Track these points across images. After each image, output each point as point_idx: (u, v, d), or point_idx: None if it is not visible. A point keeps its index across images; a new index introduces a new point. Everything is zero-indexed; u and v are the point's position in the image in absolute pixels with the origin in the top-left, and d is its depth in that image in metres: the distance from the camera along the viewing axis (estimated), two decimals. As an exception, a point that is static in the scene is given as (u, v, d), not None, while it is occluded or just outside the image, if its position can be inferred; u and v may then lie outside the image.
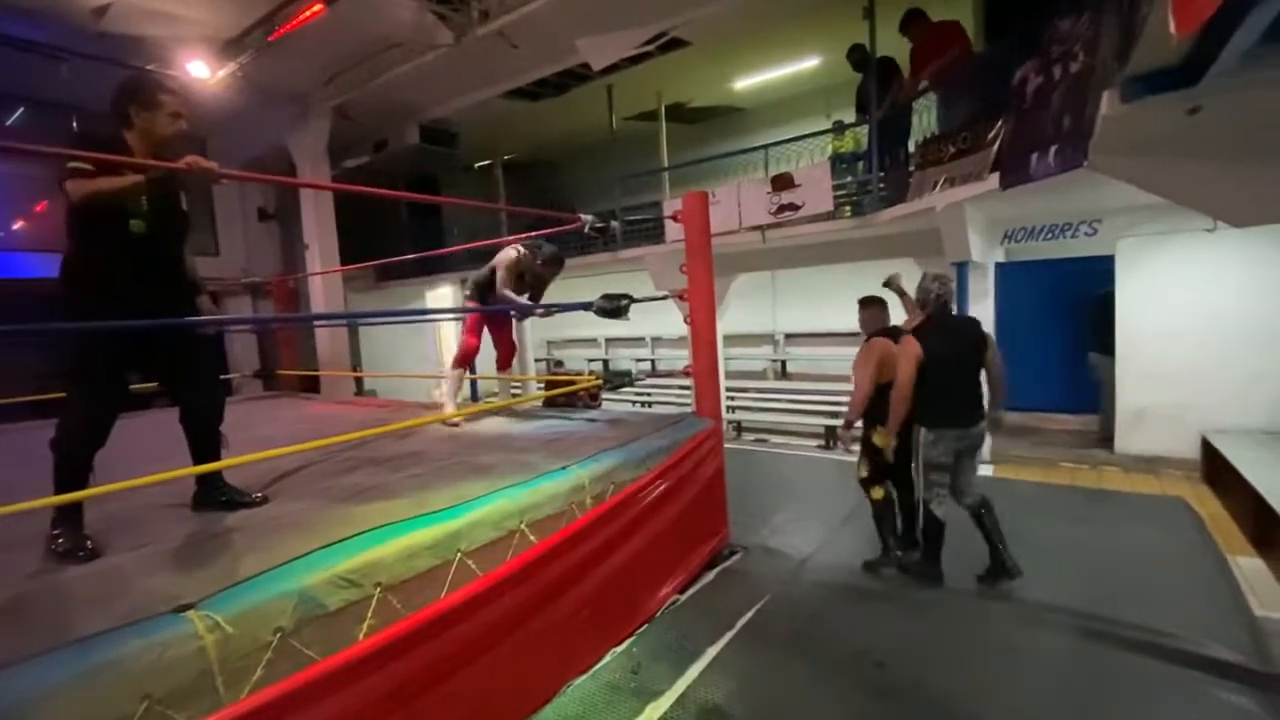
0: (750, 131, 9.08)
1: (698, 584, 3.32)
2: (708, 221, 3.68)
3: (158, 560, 1.80)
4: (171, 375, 2.22)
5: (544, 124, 9.26)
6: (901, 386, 3.18)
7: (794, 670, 2.59)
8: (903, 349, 3.22)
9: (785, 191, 6.18)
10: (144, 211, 1.96)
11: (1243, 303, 5.20)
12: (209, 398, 2.27)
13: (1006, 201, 4.76)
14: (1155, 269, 5.59)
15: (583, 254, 8.67)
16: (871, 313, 3.65)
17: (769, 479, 5.39)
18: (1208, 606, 2.95)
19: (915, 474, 3.34)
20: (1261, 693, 2.29)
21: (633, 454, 2.98)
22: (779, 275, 8.86)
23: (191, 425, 2.23)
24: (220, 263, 9.48)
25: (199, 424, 2.23)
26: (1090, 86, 2.86)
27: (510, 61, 6.83)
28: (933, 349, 3.15)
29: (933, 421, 3.22)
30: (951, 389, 3.18)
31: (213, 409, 2.26)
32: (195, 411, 2.23)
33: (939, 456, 3.22)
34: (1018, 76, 4.02)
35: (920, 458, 3.26)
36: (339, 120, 8.15)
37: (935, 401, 3.19)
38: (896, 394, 3.19)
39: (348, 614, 1.70)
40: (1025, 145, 3.85)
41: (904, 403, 3.18)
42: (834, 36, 6.71)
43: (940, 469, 3.23)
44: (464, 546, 2.05)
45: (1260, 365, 5.12)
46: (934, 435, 3.20)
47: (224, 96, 6.86)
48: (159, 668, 1.34)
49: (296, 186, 8.89)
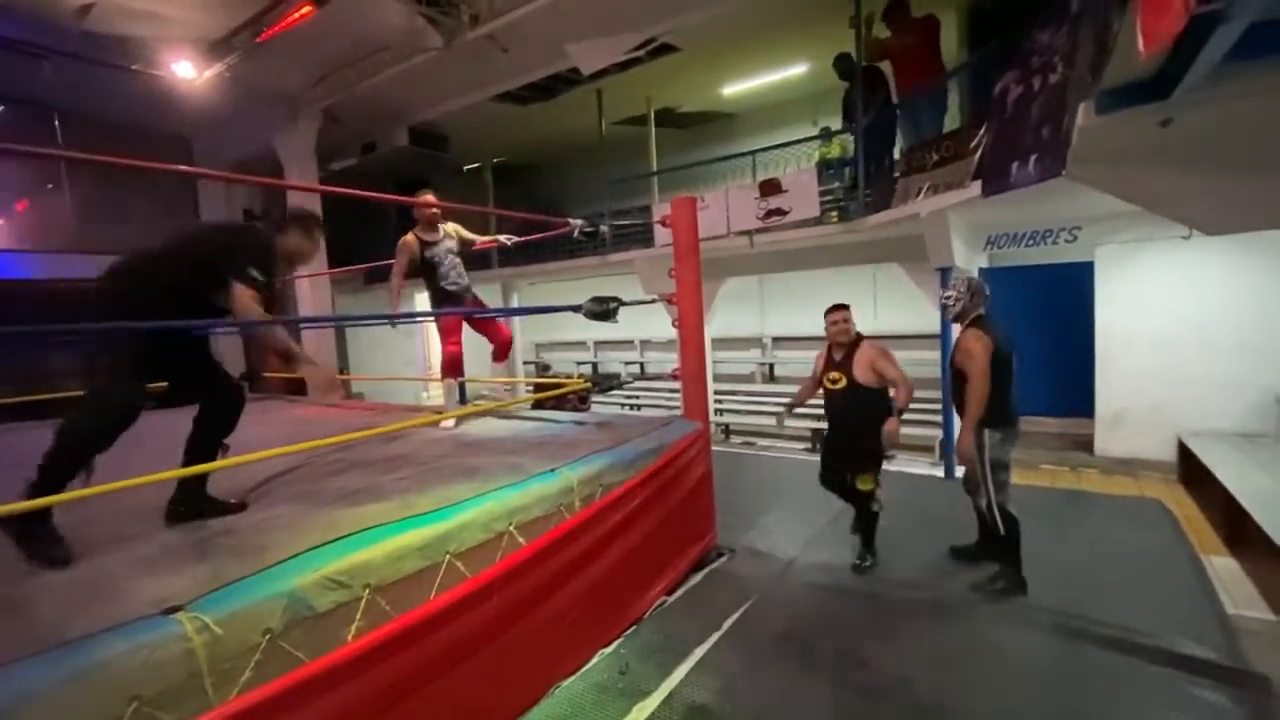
0: (739, 137, 9.15)
1: (686, 585, 3.35)
2: (696, 226, 3.72)
3: (145, 562, 1.80)
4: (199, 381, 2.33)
5: (533, 128, 9.27)
6: (985, 384, 3.07)
7: (780, 670, 2.62)
8: (979, 346, 3.11)
9: (773, 197, 6.24)
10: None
11: (1217, 309, 5.33)
12: (231, 410, 2.34)
13: (989, 208, 4.85)
14: (1133, 275, 5.71)
15: (572, 257, 8.69)
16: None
17: (756, 481, 5.43)
18: (1182, 605, 3.02)
19: (983, 478, 3.17)
20: (1233, 689, 2.36)
21: (621, 456, 3.01)
22: (766, 279, 8.93)
23: (204, 426, 2.29)
24: (205, 264, 9.38)
25: (213, 427, 2.29)
26: (1068, 98, 2.94)
27: (500, 65, 6.84)
28: (998, 347, 3.13)
29: (1000, 421, 3.16)
30: (1009, 387, 3.18)
31: (232, 419, 2.34)
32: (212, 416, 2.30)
33: (1006, 455, 3.19)
34: (999, 86, 4.10)
35: (988, 459, 3.14)
36: (327, 122, 8.11)
37: (1001, 400, 3.14)
38: (978, 392, 3.07)
39: (337, 615, 1.71)
40: (1006, 154, 3.92)
41: (984, 402, 3.08)
42: (821, 44, 6.79)
43: (1007, 468, 3.20)
44: (453, 548, 2.06)
45: (1234, 369, 5.24)
46: (1000, 434, 3.15)
47: (211, 97, 6.81)
48: (147, 669, 1.35)
49: (284, 188, 8.81)
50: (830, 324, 3.45)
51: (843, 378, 3.40)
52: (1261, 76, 1.76)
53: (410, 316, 6.67)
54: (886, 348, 3.38)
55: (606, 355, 11.39)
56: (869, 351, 3.35)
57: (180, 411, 2.24)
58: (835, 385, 3.44)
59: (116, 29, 5.80)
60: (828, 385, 3.48)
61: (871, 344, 3.39)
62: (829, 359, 3.51)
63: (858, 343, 3.41)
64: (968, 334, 3.20)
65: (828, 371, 3.48)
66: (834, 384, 3.45)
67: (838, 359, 3.45)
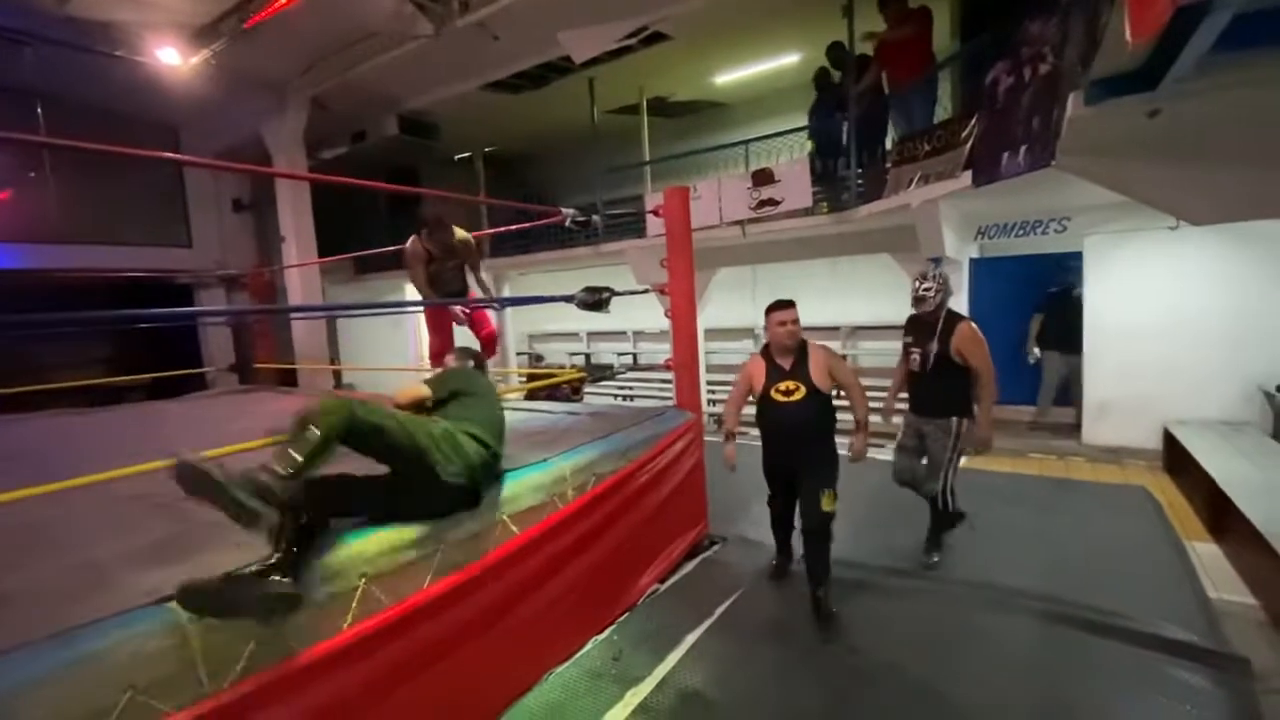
0: (731, 126, 9.12)
1: (678, 573, 3.39)
2: (688, 216, 3.72)
3: (139, 552, 1.80)
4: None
5: (525, 117, 9.20)
6: (994, 376, 3.18)
7: (771, 656, 2.66)
8: (981, 336, 3.19)
9: (765, 187, 6.24)
10: None
11: (1202, 299, 5.38)
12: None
13: (979, 199, 4.87)
14: (1121, 265, 5.75)
15: (564, 247, 8.67)
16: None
17: (748, 471, 5.46)
18: (1166, 590, 3.08)
19: (948, 463, 3.28)
20: (1215, 671, 2.42)
21: (614, 446, 3.02)
22: (759, 269, 8.94)
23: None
24: (193, 255, 9.30)
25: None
26: (1058, 88, 2.95)
27: (491, 53, 6.78)
28: None
29: (970, 410, 3.28)
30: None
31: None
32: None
33: (964, 445, 3.30)
34: (990, 76, 4.11)
35: (957, 449, 3.27)
36: (316, 110, 8.02)
37: (971, 392, 3.26)
38: (993, 380, 3.17)
39: (332, 605, 1.71)
40: (997, 144, 3.94)
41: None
42: (814, 34, 6.77)
43: (962, 453, 3.33)
44: (447, 538, 2.07)
45: (1218, 359, 5.31)
46: (969, 422, 3.27)
47: (197, 84, 6.72)
48: (142, 658, 1.35)
49: (273, 177, 8.72)
50: (777, 324, 2.97)
51: (800, 387, 2.93)
52: (1248, 68, 1.77)
53: (400, 306, 6.63)
54: (830, 348, 3.06)
55: (599, 346, 11.38)
56: (821, 355, 2.99)
57: (168, 401, 2.23)
58: (791, 396, 2.94)
59: (100, 14, 5.71)
60: (777, 397, 2.97)
61: (818, 346, 3.03)
62: (774, 367, 3.03)
63: (804, 346, 3.02)
64: (966, 325, 3.25)
65: (776, 382, 2.99)
66: (788, 395, 2.95)
67: (787, 366, 2.99)
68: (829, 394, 2.98)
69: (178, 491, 1.48)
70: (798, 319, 2.98)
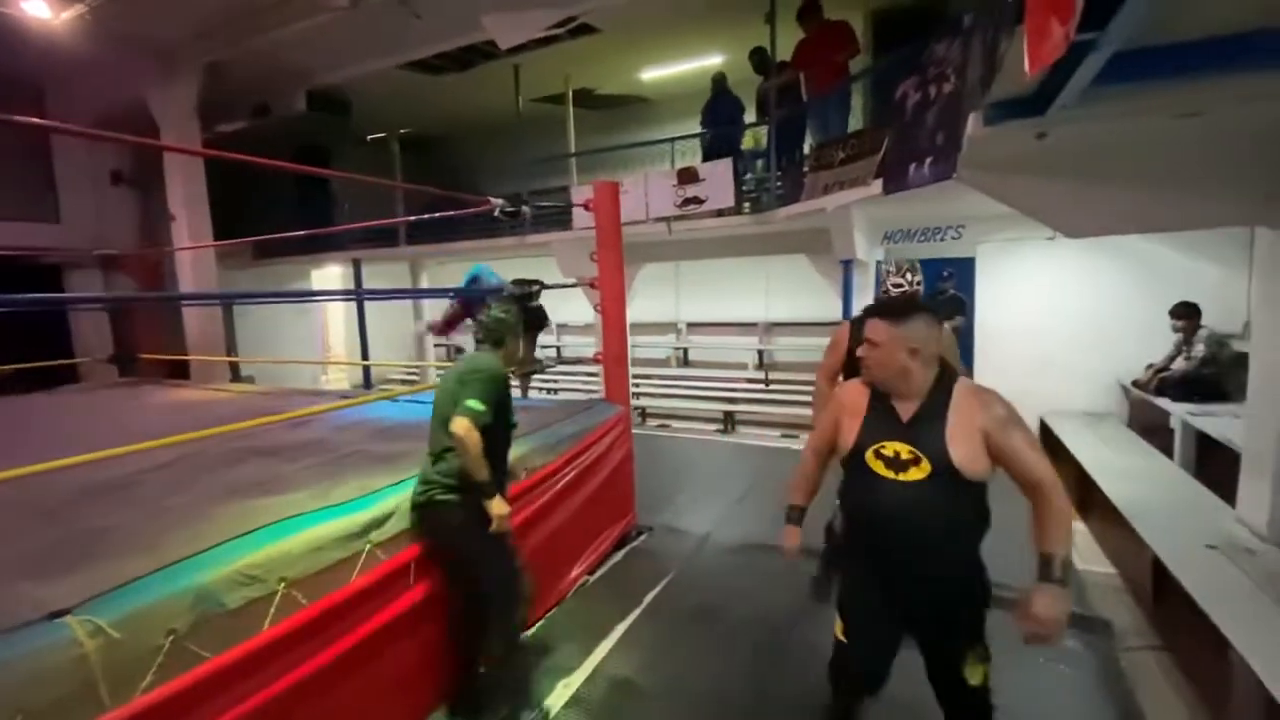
0: (656, 123, 9.20)
1: (607, 564, 3.43)
2: (619, 211, 3.75)
3: (29, 562, 1.62)
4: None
5: (446, 100, 8.87)
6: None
7: (698, 640, 2.75)
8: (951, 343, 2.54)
9: (690, 185, 6.36)
10: None
11: (1074, 303, 6.03)
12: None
13: (887, 205, 5.20)
14: (1007, 272, 6.33)
15: (486, 237, 8.45)
16: None
17: (672, 462, 5.59)
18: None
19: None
20: (1083, 633, 2.74)
21: (544, 440, 3.01)
22: (682, 266, 9.11)
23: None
24: (62, 231, 8.31)
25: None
26: (959, 107, 3.20)
27: (412, 31, 6.47)
28: None
29: None
30: None
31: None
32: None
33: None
34: (899, 91, 4.39)
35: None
36: (212, 79, 7.36)
37: None
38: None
39: (250, 612, 1.62)
40: (905, 156, 4.22)
41: None
42: (738, 37, 6.95)
43: None
44: (375, 538, 2.01)
45: (1086, 357, 5.96)
46: None
47: (70, 42, 6.00)
48: (32, 679, 1.24)
49: (159, 150, 7.94)
50: (864, 347, 1.72)
51: (922, 459, 1.61)
52: (1124, 99, 2.02)
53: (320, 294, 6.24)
54: (998, 394, 1.69)
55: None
56: (977, 404, 1.64)
57: (67, 395, 2.02)
58: (904, 472, 1.63)
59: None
60: (877, 467, 1.65)
61: (974, 388, 1.70)
62: (881, 409, 1.70)
63: (947, 381, 1.68)
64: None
65: (881, 440, 1.67)
66: (899, 468, 1.63)
67: (905, 416, 1.67)
68: (980, 480, 1.64)
69: (62, 495, 1.35)
70: (902, 336, 1.64)
